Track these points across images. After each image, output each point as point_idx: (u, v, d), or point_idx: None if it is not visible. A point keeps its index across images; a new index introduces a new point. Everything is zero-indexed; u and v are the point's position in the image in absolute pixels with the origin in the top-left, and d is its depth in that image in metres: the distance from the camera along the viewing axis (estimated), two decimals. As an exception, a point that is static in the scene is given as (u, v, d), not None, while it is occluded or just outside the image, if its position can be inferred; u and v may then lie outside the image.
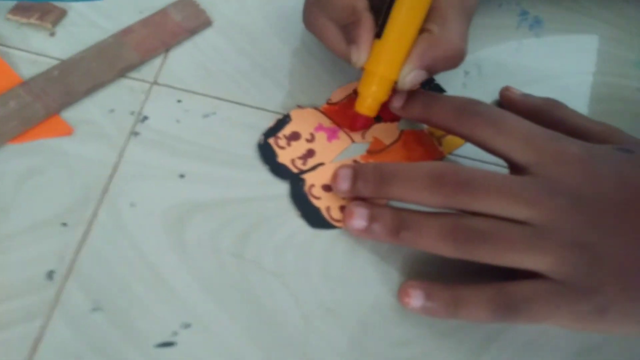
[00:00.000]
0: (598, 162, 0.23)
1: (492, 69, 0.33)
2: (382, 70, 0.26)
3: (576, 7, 0.36)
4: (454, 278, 0.24)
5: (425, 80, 0.26)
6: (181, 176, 0.27)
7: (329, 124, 0.30)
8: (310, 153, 0.29)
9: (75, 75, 0.29)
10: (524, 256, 0.22)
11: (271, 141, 0.29)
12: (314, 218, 0.27)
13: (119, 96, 0.29)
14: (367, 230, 0.25)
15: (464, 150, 0.30)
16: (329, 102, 0.30)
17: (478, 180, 0.23)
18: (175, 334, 0.24)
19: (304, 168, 0.28)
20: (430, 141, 0.30)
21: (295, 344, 0.24)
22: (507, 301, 0.22)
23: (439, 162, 0.25)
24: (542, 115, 0.27)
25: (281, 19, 0.33)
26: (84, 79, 0.29)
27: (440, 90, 0.32)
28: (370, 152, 0.29)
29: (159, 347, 0.24)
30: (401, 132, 0.30)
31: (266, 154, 0.28)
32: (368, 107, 0.27)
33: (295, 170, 0.28)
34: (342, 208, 0.27)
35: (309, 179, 0.28)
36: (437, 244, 0.23)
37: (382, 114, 0.30)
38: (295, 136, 0.29)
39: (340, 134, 0.29)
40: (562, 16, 0.36)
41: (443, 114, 0.26)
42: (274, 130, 0.29)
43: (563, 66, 0.34)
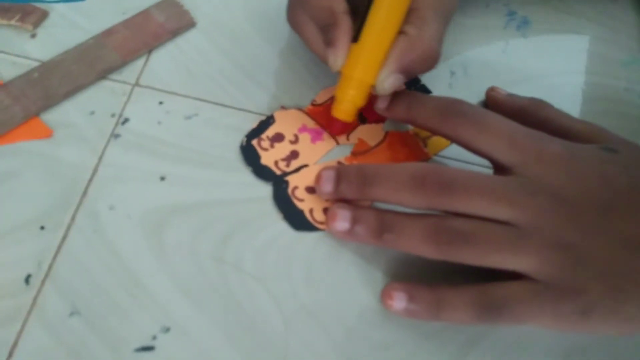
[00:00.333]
0: (582, 162, 0.23)
1: (479, 69, 0.33)
2: (359, 74, 0.25)
3: (564, 8, 0.36)
4: (438, 279, 0.24)
5: (409, 81, 0.26)
6: (162, 178, 0.27)
7: (313, 125, 0.29)
8: (293, 155, 0.28)
9: (56, 78, 0.29)
10: (507, 257, 0.22)
11: (254, 143, 0.28)
12: (297, 220, 0.27)
13: (99, 98, 0.29)
14: (350, 232, 0.25)
15: (449, 152, 0.29)
16: (314, 103, 0.30)
17: (460, 180, 0.23)
18: (154, 338, 0.24)
19: (288, 170, 0.28)
20: (416, 142, 0.30)
21: (276, 349, 0.24)
22: (490, 302, 0.22)
23: (422, 163, 0.25)
24: (528, 115, 0.27)
25: (265, 19, 0.33)
26: (64, 81, 0.29)
27: (426, 91, 0.31)
28: (354, 154, 0.29)
29: (138, 352, 0.23)
30: (386, 134, 0.30)
31: (249, 155, 0.28)
32: (344, 112, 0.27)
33: (278, 172, 0.28)
34: (326, 210, 0.27)
35: (292, 180, 0.28)
36: (420, 245, 0.23)
37: (367, 115, 0.30)
38: (278, 137, 0.29)
39: (325, 135, 0.29)
40: (550, 16, 0.35)
41: (427, 115, 0.26)
42: (257, 132, 0.29)
43: (550, 66, 0.33)
